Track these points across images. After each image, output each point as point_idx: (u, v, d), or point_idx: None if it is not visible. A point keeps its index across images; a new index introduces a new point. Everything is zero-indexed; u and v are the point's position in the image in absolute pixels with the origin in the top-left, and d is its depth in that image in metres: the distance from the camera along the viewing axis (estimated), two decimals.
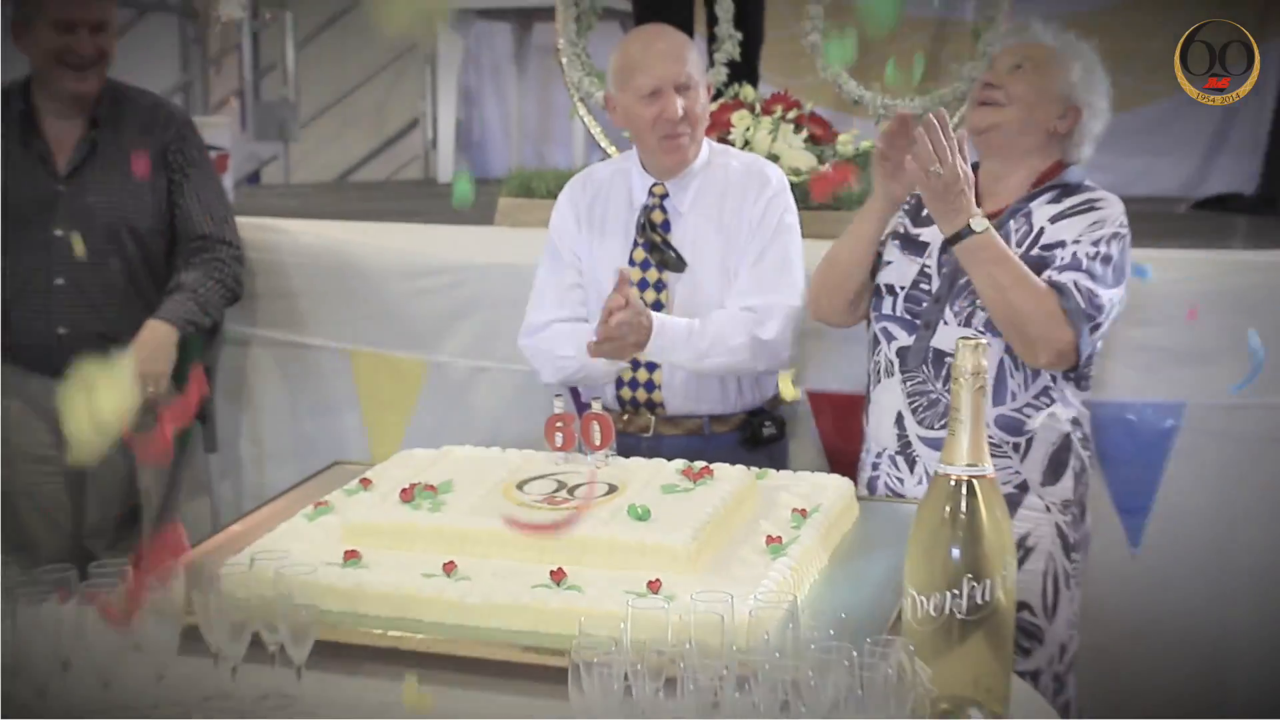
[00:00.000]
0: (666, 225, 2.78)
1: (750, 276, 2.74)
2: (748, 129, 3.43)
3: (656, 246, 2.70)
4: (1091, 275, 2.40)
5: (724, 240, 2.77)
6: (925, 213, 2.50)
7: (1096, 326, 2.40)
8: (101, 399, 1.64)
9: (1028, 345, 2.41)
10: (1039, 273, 2.41)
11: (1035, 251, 2.45)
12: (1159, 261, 2.84)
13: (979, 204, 2.57)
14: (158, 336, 3.08)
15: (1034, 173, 2.55)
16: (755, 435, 2.82)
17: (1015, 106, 2.52)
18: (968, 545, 1.57)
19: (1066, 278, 2.39)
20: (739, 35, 3.63)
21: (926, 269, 2.54)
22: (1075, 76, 2.54)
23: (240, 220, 3.43)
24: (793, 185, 2.90)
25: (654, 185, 2.81)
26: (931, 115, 2.39)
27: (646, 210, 2.80)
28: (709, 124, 2.88)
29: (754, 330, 2.67)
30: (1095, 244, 2.43)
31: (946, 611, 1.57)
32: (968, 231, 2.38)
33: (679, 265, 2.70)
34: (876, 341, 2.62)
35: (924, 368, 2.51)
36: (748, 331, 2.67)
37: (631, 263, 2.79)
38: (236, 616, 1.65)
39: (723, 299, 2.72)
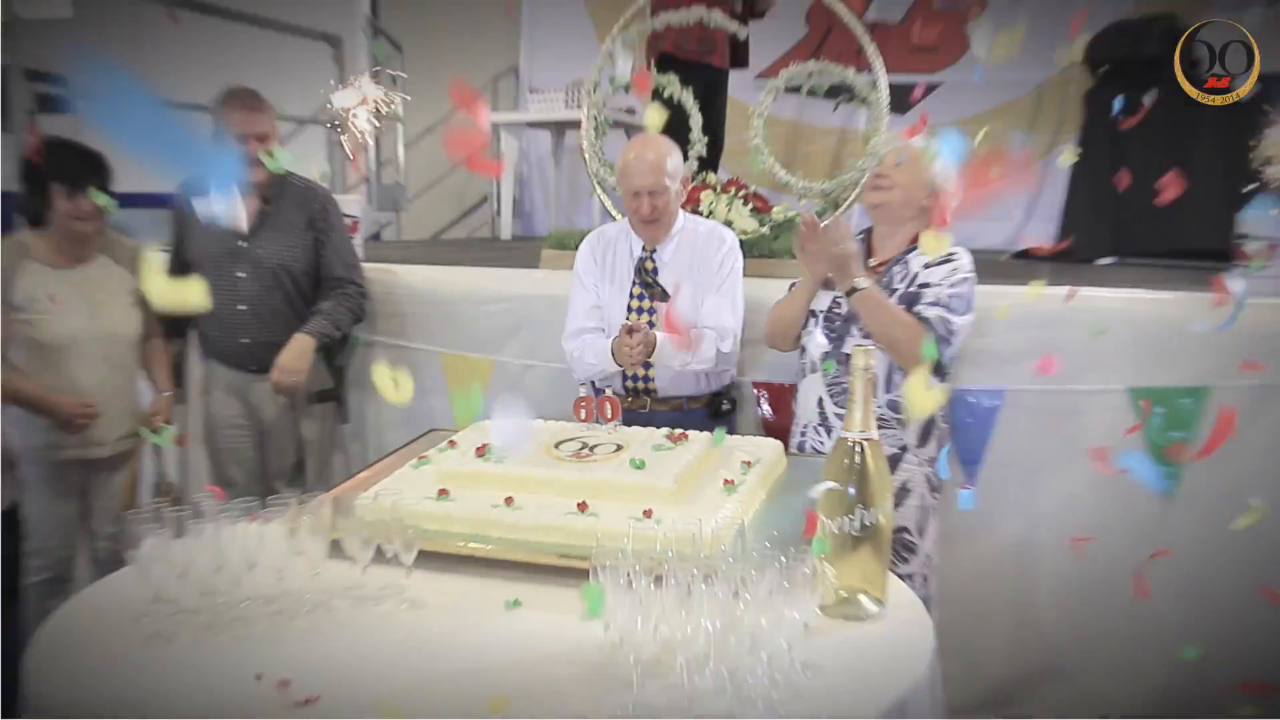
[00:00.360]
0: (656, 270, 2.79)
1: (713, 306, 2.74)
2: (711, 203, 3.43)
3: (648, 284, 2.70)
4: (949, 309, 2.40)
5: (693, 281, 2.77)
6: None
7: (950, 345, 2.41)
8: None
9: (904, 360, 2.42)
10: (916, 303, 2.42)
11: (913, 289, 2.45)
12: (990, 294, 2.82)
13: (871, 256, 2.58)
14: (300, 345, 3.10)
15: (910, 234, 2.55)
16: (718, 410, 2.82)
17: (898, 189, 2.53)
18: (859, 485, 1.58)
19: (931, 313, 2.39)
20: (705, 139, 3.63)
21: (838, 298, 2.54)
22: (938, 168, 2.55)
23: (366, 266, 3.43)
24: (741, 241, 2.90)
25: (645, 243, 2.82)
26: (809, 217, 2.49)
27: (641, 260, 2.81)
28: (684, 200, 2.88)
29: (719, 344, 2.68)
30: (953, 285, 2.43)
31: (845, 530, 1.59)
32: (855, 288, 2.41)
33: (664, 297, 2.71)
34: (804, 349, 2.62)
35: (837, 366, 2.52)
36: (714, 345, 2.68)
37: (631, 296, 2.80)
38: (366, 533, 1.68)
39: (694, 320, 2.72)
